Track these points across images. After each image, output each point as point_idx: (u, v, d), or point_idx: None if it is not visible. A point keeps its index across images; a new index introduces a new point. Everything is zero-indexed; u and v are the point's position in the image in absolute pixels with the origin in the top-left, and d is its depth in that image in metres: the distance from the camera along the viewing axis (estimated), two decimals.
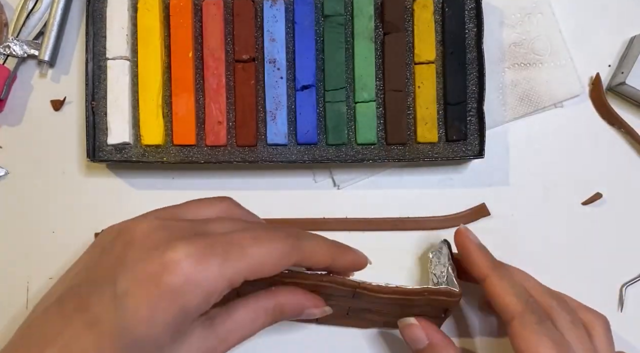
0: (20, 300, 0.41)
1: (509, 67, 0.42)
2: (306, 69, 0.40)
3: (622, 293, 0.41)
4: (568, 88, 0.42)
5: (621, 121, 0.42)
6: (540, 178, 0.42)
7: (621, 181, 0.42)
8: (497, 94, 0.42)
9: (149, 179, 0.42)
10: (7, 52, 0.41)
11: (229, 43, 0.41)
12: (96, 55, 0.40)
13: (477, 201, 0.42)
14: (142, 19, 0.40)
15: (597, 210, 0.41)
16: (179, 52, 0.40)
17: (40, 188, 0.42)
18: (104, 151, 0.40)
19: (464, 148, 0.40)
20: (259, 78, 0.40)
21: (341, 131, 0.40)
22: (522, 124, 0.42)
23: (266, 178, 0.42)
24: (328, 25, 0.40)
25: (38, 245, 0.41)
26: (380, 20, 0.41)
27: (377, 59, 0.40)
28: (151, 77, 0.40)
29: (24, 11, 0.42)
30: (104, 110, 0.40)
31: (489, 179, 0.42)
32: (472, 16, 0.40)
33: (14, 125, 0.42)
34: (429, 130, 0.40)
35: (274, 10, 0.40)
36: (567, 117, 0.42)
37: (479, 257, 0.36)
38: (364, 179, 0.42)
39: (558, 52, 0.42)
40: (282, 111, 0.40)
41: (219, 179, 0.42)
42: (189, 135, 0.40)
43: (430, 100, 0.40)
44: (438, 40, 0.41)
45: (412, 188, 0.42)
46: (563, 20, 0.42)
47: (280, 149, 0.40)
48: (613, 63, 0.43)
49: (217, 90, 0.40)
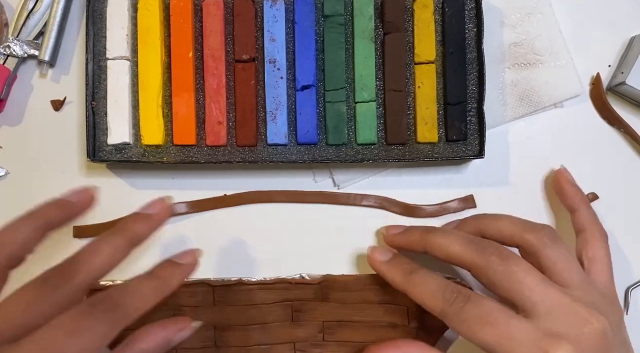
0: None
1: (509, 67, 0.42)
2: (306, 69, 0.40)
3: (628, 296, 0.41)
4: (568, 88, 0.42)
5: (621, 121, 0.42)
6: (540, 179, 0.42)
7: (621, 181, 0.42)
8: (497, 94, 0.42)
9: (149, 179, 0.42)
10: (7, 52, 0.41)
11: (229, 43, 0.41)
12: (96, 55, 0.40)
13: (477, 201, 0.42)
14: (142, 19, 0.40)
15: (598, 211, 0.41)
16: (179, 52, 0.40)
17: (40, 188, 0.42)
18: (104, 151, 0.40)
19: (464, 148, 0.40)
20: (259, 78, 0.40)
21: (341, 131, 0.40)
22: (522, 124, 0.42)
23: (266, 179, 0.42)
24: (328, 25, 0.40)
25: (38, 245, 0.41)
26: (380, 20, 0.41)
27: (377, 59, 0.40)
28: (151, 77, 0.40)
29: (24, 11, 0.42)
30: (104, 110, 0.40)
31: (489, 179, 0.42)
32: (472, 16, 0.40)
33: (14, 125, 0.42)
34: (429, 130, 0.40)
35: (274, 10, 0.40)
36: (567, 117, 0.42)
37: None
38: (364, 179, 0.42)
39: (558, 52, 0.42)
40: (282, 111, 0.40)
41: (219, 179, 0.42)
42: (189, 135, 0.40)
43: (430, 100, 0.40)
44: (438, 40, 0.41)
45: (412, 188, 0.42)
46: (563, 20, 0.42)
47: (280, 149, 0.40)
48: (613, 63, 0.43)
49: (217, 90, 0.40)
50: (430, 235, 0.36)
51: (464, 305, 0.32)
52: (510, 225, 0.36)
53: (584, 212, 0.38)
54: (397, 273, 0.36)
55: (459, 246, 0.34)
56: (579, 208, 0.38)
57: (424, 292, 0.34)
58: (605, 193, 0.42)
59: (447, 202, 0.42)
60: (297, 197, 0.41)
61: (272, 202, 0.42)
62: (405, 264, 0.37)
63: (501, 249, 0.34)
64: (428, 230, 0.37)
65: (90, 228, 0.41)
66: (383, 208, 0.42)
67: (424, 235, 0.36)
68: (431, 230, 0.37)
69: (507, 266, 0.33)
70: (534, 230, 0.35)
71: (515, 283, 0.32)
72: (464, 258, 0.34)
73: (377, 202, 0.42)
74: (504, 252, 0.33)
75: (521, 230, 0.35)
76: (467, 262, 0.34)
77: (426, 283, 0.35)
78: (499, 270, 0.33)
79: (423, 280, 0.35)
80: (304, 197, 0.41)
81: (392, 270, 0.37)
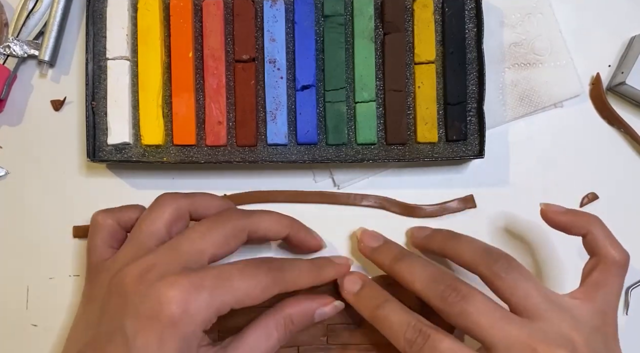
0: (20, 301, 0.41)
1: (509, 67, 0.42)
2: (306, 69, 0.40)
3: (628, 296, 0.41)
4: (568, 88, 0.42)
5: (621, 121, 0.42)
6: (540, 178, 0.42)
7: (621, 181, 0.42)
8: (497, 94, 0.42)
9: (149, 179, 0.42)
10: (7, 52, 0.41)
11: (229, 43, 0.41)
12: (96, 55, 0.40)
13: (477, 201, 0.42)
14: (142, 19, 0.40)
15: (598, 211, 0.41)
16: (179, 52, 0.40)
17: (40, 188, 0.42)
18: (104, 151, 0.40)
19: (464, 148, 0.40)
20: (259, 78, 0.40)
21: (341, 131, 0.40)
22: (522, 124, 0.42)
23: (266, 178, 0.42)
24: (328, 25, 0.40)
25: (38, 245, 0.41)
26: (380, 20, 0.41)
27: (377, 59, 0.40)
28: (151, 77, 0.40)
29: (24, 11, 0.42)
30: (104, 110, 0.40)
31: (489, 179, 0.42)
32: (472, 16, 0.40)
33: (14, 125, 0.42)
34: (429, 130, 0.40)
35: (274, 10, 0.40)
36: (567, 117, 0.42)
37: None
38: (363, 179, 0.42)
39: (558, 52, 0.42)
40: (282, 111, 0.40)
41: (219, 179, 0.42)
42: (189, 135, 0.40)
43: (430, 100, 0.40)
44: (438, 40, 0.41)
45: (412, 188, 0.42)
46: (563, 20, 0.42)
47: (280, 149, 0.40)
48: (613, 63, 0.43)
49: (217, 90, 0.40)
50: (397, 265, 0.36)
51: (421, 347, 0.32)
52: (469, 253, 0.35)
53: (593, 235, 0.35)
54: (365, 309, 0.36)
55: (419, 285, 0.34)
56: (587, 231, 0.35)
57: (387, 328, 0.34)
58: (605, 194, 0.42)
59: (447, 202, 0.42)
60: (297, 197, 0.42)
61: (272, 202, 0.42)
62: (372, 298, 0.36)
63: (459, 288, 0.33)
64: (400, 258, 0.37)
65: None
66: (383, 208, 0.42)
67: (392, 264, 0.37)
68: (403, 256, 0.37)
69: (462, 307, 0.32)
70: (489, 261, 0.34)
71: (472, 324, 0.32)
72: (425, 299, 0.34)
73: (377, 202, 0.42)
74: (461, 292, 0.33)
75: (478, 261, 0.34)
76: (428, 302, 0.34)
77: (389, 320, 0.34)
78: (454, 312, 0.32)
79: (386, 316, 0.34)
80: (304, 197, 0.41)
81: (361, 303, 0.37)
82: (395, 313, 0.34)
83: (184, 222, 0.36)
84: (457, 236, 0.37)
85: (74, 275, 0.41)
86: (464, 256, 0.35)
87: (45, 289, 0.41)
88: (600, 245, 0.34)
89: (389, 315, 0.34)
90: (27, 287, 0.41)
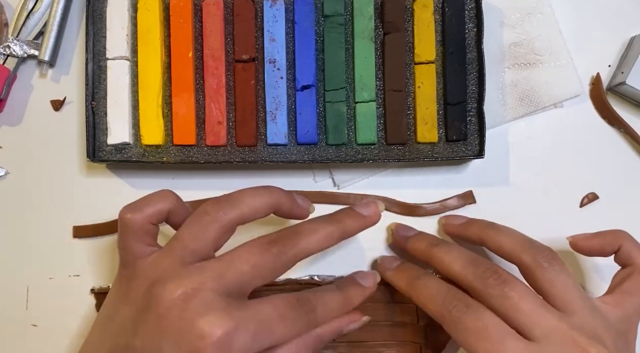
0: (20, 301, 0.41)
1: (509, 67, 0.42)
2: (306, 69, 0.40)
3: None
4: (568, 88, 0.42)
5: (621, 121, 0.42)
6: (540, 178, 0.42)
7: (621, 181, 0.42)
8: (497, 94, 0.42)
9: (149, 179, 0.42)
10: (7, 52, 0.41)
11: (229, 43, 0.41)
12: (96, 55, 0.40)
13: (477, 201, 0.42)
14: (142, 19, 0.40)
15: (597, 211, 0.41)
16: (179, 52, 0.40)
17: (40, 188, 0.42)
18: (104, 151, 0.40)
19: (464, 148, 0.40)
20: (259, 78, 0.40)
21: (341, 131, 0.40)
22: (522, 124, 0.42)
23: (266, 178, 0.42)
24: (328, 25, 0.40)
25: (38, 245, 0.41)
26: (380, 20, 0.41)
27: (377, 59, 0.40)
28: (151, 77, 0.40)
29: (24, 11, 0.42)
30: (104, 110, 0.40)
31: (489, 179, 0.42)
32: (472, 16, 0.40)
33: (14, 125, 0.42)
34: (429, 130, 0.40)
35: (274, 10, 0.40)
36: (567, 117, 0.42)
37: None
38: (363, 179, 0.42)
39: (558, 52, 0.42)
40: (282, 111, 0.40)
41: (219, 179, 0.42)
42: (189, 135, 0.40)
43: (430, 100, 0.40)
44: (438, 40, 0.41)
45: (412, 188, 0.42)
46: (563, 20, 0.42)
47: (280, 149, 0.40)
48: (613, 63, 0.43)
49: (217, 90, 0.40)
50: (435, 249, 0.36)
51: (462, 314, 0.32)
52: (509, 242, 0.35)
53: (624, 248, 0.36)
54: (402, 280, 0.37)
55: (458, 266, 0.34)
56: (619, 246, 0.36)
57: (425, 296, 0.35)
58: (605, 194, 0.42)
59: (447, 200, 0.42)
60: None
61: None
62: (411, 270, 0.37)
63: (499, 272, 0.33)
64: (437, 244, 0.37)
65: (90, 228, 0.41)
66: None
67: (428, 248, 0.37)
68: (439, 242, 0.37)
69: (503, 290, 0.32)
70: (532, 251, 0.34)
71: (511, 307, 0.32)
72: (462, 280, 0.34)
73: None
74: (502, 276, 0.33)
75: (519, 249, 0.34)
76: (465, 284, 0.34)
77: (428, 288, 0.35)
78: (494, 294, 0.32)
79: (425, 285, 0.35)
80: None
81: (398, 276, 0.38)
82: (434, 281, 0.35)
83: (230, 233, 0.34)
84: (497, 225, 0.37)
85: (74, 275, 0.41)
86: (504, 245, 0.35)
87: (45, 289, 0.41)
88: (634, 256, 0.35)
89: (428, 282, 0.35)
90: (27, 287, 0.41)
